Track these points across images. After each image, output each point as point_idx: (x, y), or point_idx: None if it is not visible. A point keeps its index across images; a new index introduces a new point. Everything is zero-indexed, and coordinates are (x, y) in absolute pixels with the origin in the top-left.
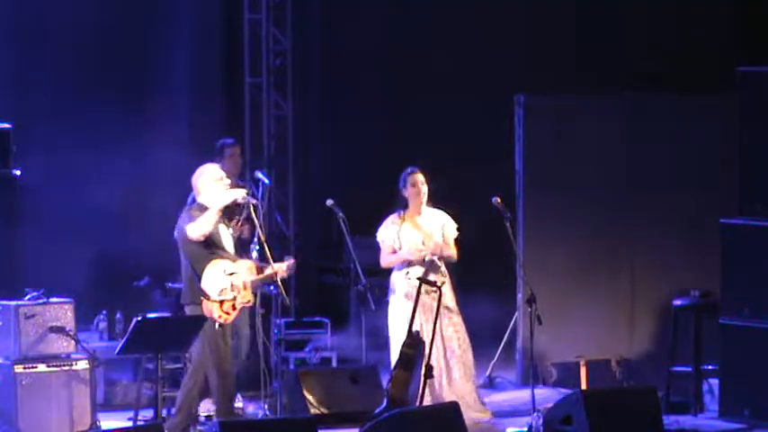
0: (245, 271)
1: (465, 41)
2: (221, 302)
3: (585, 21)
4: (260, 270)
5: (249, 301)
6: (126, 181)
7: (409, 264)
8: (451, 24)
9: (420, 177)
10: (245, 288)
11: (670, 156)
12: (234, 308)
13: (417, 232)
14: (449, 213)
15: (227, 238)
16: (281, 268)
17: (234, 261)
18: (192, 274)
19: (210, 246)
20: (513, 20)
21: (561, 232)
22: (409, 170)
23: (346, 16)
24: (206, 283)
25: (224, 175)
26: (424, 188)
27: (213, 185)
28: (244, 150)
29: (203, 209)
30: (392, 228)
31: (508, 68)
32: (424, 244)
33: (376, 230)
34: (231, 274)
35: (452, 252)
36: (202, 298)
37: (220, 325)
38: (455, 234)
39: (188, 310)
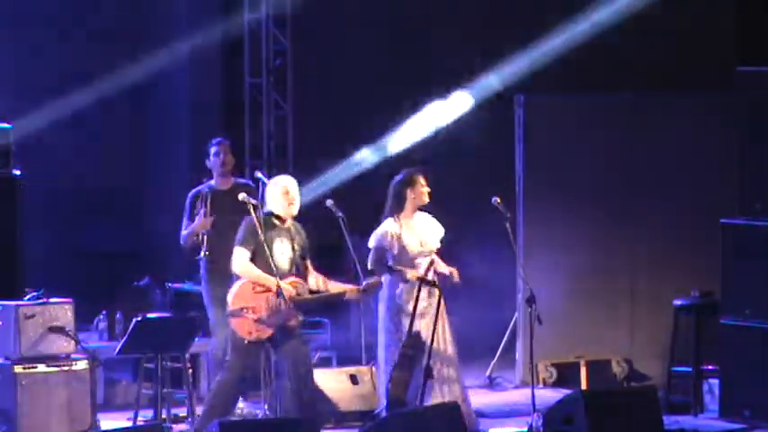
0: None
1: (465, 41)
2: (244, 320)
3: (585, 20)
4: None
5: (297, 319)
6: (126, 180)
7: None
8: (451, 24)
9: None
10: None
11: (670, 156)
12: (259, 327)
13: (414, 235)
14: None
15: (282, 254)
16: (351, 290)
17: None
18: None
19: (257, 262)
20: (514, 19)
21: (561, 232)
22: (414, 170)
23: (346, 16)
24: (232, 295)
25: (290, 188)
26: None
27: (279, 199)
28: (242, 150)
29: (266, 224)
30: (392, 232)
31: (509, 68)
32: (421, 245)
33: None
34: (263, 292)
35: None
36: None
37: (249, 342)
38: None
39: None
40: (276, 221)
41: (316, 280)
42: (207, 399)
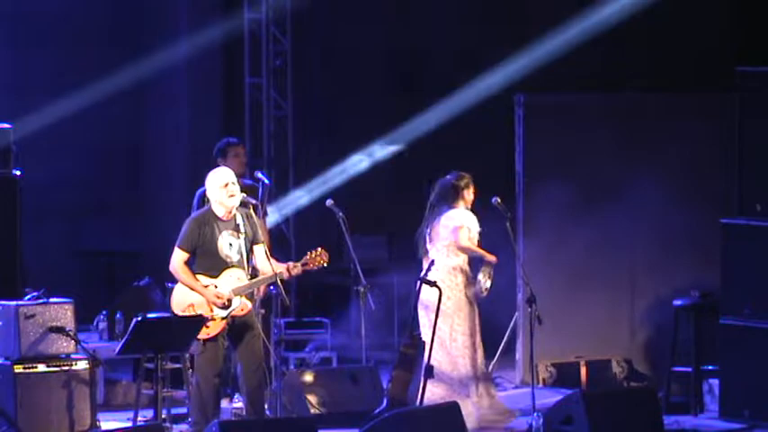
0: (227, 280)
1: (465, 41)
2: None
3: (586, 20)
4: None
5: (243, 310)
6: (126, 181)
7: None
8: (451, 24)
9: None
10: (228, 306)
11: (670, 156)
12: (208, 324)
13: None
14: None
15: (230, 247)
16: (281, 269)
17: (218, 274)
18: None
19: (200, 258)
20: (514, 20)
21: (561, 232)
22: (467, 174)
23: (346, 16)
24: (173, 299)
25: (231, 180)
26: None
27: (218, 192)
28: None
29: (207, 220)
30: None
31: (508, 68)
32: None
33: (375, 230)
34: (205, 287)
35: None
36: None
37: (204, 341)
38: None
39: None
40: (219, 215)
41: (266, 266)
42: (191, 404)
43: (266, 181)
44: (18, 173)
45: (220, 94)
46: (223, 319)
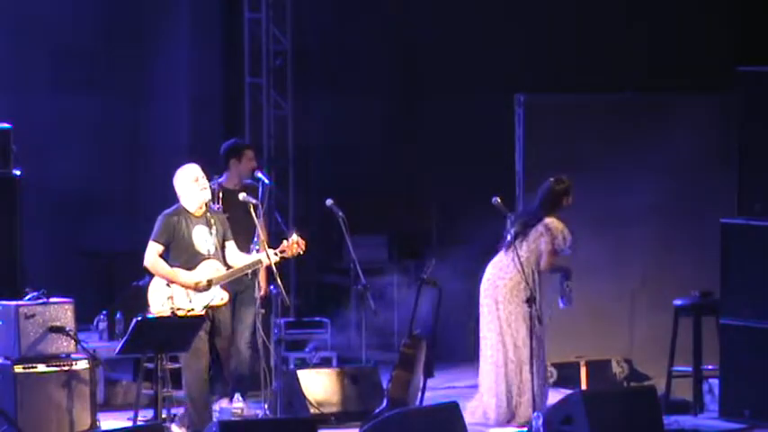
0: (206, 272)
1: (465, 41)
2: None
3: (586, 20)
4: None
5: (222, 299)
6: (126, 181)
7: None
8: (452, 24)
9: None
10: (207, 288)
11: (670, 155)
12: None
13: None
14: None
15: (205, 241)
16: (267, 255)
17: (194, 267)
18: None
19: (175, 251)
20: (514, 19)
21: None
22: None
23: (346, 16)
24: (150, 295)
25: (200, 175)
26: None
27: (189, 187)
28: None
29: (180, 214)
30: None
31: (508, 68)
32: None
33: (375, 231)
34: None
35: None
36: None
37: None
38: None
39: None
40: (190, 210)
41: (238, 260)
42: (185, 396)
43: (266, 181)
44: (18, 173)
45: (220, 94)
46: (204, 307)
